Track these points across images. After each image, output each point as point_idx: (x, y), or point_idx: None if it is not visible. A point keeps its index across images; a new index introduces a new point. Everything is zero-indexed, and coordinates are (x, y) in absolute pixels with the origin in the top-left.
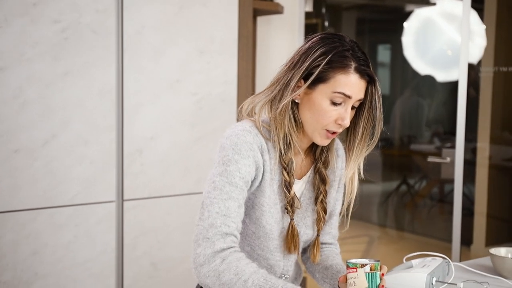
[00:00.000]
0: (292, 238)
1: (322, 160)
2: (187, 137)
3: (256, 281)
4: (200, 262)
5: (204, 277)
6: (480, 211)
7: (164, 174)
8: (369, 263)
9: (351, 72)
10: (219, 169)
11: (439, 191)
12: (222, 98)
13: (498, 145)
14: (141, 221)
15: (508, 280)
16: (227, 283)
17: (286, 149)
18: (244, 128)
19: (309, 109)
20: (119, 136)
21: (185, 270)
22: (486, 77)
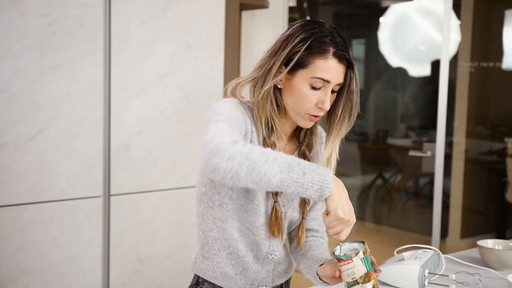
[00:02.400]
0: (275, 220)
1: (306, 143)
2: (174, 131)
3: (285, 158)
4: (222, 147)
5: (229, 160)
6: (455, 204)
7: (151, 168)
8: (360, 249)
9: (330, 57)
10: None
11: (414, 184)
12: (209, 93)
13: (473, 139)
14: (128, 216)
15: (496, 271)
16: (257, 161)
17: (269, 133)
18: (232, 100)
19: (290, 94)
20: (106, 131)
21: (171, 265)
22: (462, 73)
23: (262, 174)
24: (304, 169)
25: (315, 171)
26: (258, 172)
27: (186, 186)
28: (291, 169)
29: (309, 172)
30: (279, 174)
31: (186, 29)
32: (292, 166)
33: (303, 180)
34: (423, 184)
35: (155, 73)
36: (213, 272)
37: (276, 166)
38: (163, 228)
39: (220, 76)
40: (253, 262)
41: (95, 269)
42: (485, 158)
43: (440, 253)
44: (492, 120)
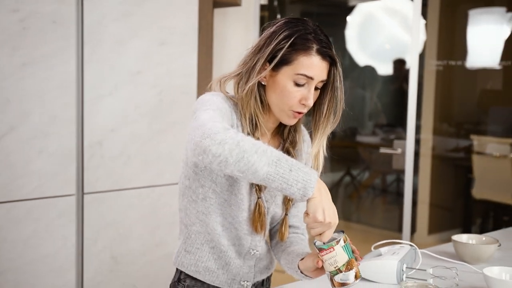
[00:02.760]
0: (259, 216)
1: (289, 140)
2: (148, 129)
3: (274, 153)
4: (215, 130)
5: (220, 144)
6: (423, 200)
7: (125, 166)
8: (341, 237)
9: (313, 54)
10: (202, 108)
11: (381, 182)
12: (182, 91)
13: (440, 136)
14: (101, 215)
15: (470, 265)
16: (247, 150)
17: (253, 130)
18: (219, 94)
19: (274, 90)
20: (79, 129)
21: (146, 263)
22: (429, 71)
23: (250, 164)
24: (291, 166)
25: (301, 169)
26: (247, 161)
27: (159, 184)
28: (278, 163)
29: (296, 170)
30: (266, 167)
31: (159, 25)
32: (280, 161)
33: (288, 176)
34: (391, 181)
35: (128, 70)
36: (195, 267)
37: (265, 158)
38: (137, 226)
39: (194, 74)
40: (235, 257)
41: (69, 268)
42: (451, 155)
43: (417, 248)
44: (457, 117)
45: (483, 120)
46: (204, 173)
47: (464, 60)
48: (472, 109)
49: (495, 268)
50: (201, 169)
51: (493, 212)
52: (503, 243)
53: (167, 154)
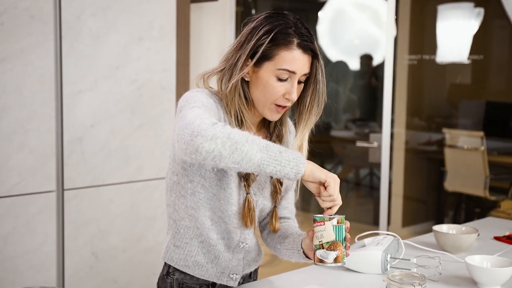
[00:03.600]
0: (248, 212)
1: (275, 133)
2: (128, 124)
3: (261, 140)
4: (203, 127)
5: (212, 140)
6: (397, 193)
7: (105, 162)
8: (336, 217)
9: (294, 48)
10: (188, 106)
11: (355, 176)
12: (162, 85)
13: (413, 130)
14: (82, 211)
15: (451, 254)
16: (239, 141)
17: (238, 125)
18: (203, 90)
19: (257, 86)
20: (59, 124)
21: (127, 259)
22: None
23: (244, 153)
24: (279, 149)
25: (288, 151)
26: (240, 152)
27: (140, 180)
28: (268, 148)
29: (284, 151)
30: (259, 153)
31: (137, 20)
32: (269, 146)
33: (280, 158)
34: (364, 175)
35: (107, 65)
36: (184, 261)
37: (256, 146)
38: (118, 222)
39: (173, 68)
40: (224, 251)
41: (50, 264)
42: (424, 148)
43: (400, 239)
44: (428, 111)
45: (454, 114)
46: (193, 168)
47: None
48: (442, 103)
49: (476, 256)
50: (189, 164)
51: (465, 204)
52: (481, 232)
53: (147, 149)
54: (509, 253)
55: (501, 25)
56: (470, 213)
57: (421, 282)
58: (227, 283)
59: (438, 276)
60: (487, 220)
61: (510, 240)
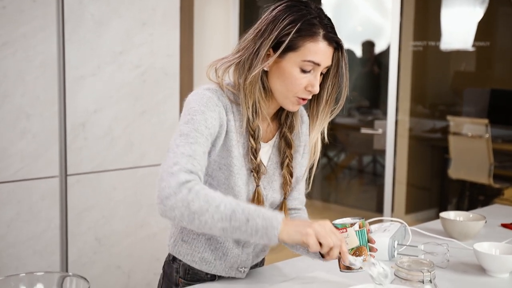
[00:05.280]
0: (258, 204)
1: (287, 124)
2: (131, 110)
3: (228, 205)
4: (166, 194)
5: (171, 210)
6: (400, 181)
7: (108, 148)
8: (357, 222)
9: (320, 40)
10: (185, 119)
11: (358, 163)
12: (165, 71)
13: (417, 118)
14: (85, 196)
15: (459, 241)
16: (197, 211)
17: (254, 116)
18: (209, 87)
19: (279, 77)
20: (62, 110)
21: (130, 244)
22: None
23: (203, 223)
24: (248, 215)
25: (260, 216)
26: (199, 222)
27: (143, 165)
28: (233, 216)
29: (253, 218)
30: (220, 223)
31: (140, 5)
32: (235, 213)
33: (246, 227)
34: (367, 162)
35: (110, 50)
36: (191, 256)
37: (218, 214)
38: (121, 207)
39: (176, 54)
40: (233, 247)
41: (53, 250)
42: (428, 135)
43: (407, 225)
44: (432, 99)
45: (458, 101)
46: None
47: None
48: (446, 91)
49: (484, 243)
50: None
51: (468, 191)
52: (488, 220)
53: (151, 135)
54: None
55: (506, 12)
56: (474, 200)
57: (430, 268)
58: (235, 275)
59: (446, 263)
60: (493, 207)
61: None
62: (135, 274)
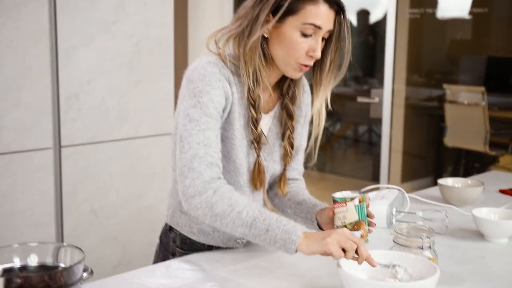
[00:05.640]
0: (258, 175)
1: (289, 96)
2: (125, 81)
3: (250, 213)
4: (191, 193)
5: (195, 209)
6: (396, 149)
7: (103, 119)
8: (357, 196)
9: (320, 2)
10: (191, 102)
11: (353, 132)
12: (159, 41)
13: (413, 86)
14: (80, 168)
15: (457, 208)
16: (220, 214)
17: (255, 85)
18: (210, 60)
19: (279, 43)
20: (54, 81)
21: (126, 216)
22: (402, 20)
23: (224, 226)
24: (268, 226)
25: (280, 228)
26: (220, 224)
27: (138, 136)
28: (254, 224)
29: (273, 229)
30: (240, 229)
31: None
32: (256, 222)
33: (265, 237)
34: (362, 132)
35: (103, 20)
36: (189, 228)
37: (239, 220)
38: (117, 179)
39: (170, 23)
40: None
41: (49, 222)
42: (424, 104)
43: (405, 192)
44: (429, 67)
45: (454, 70)
46: None
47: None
48: (443, 59)
49: (483, 209)
50: None
51: (464, 159)
52: (485, 186)
53: (146, 105)
54: None
55: None
56: (470, 168)
57: (429, 235)
58: (233, 246)
59: (445, 229)
60: (490, 173)
61: None
62: (131, 245)
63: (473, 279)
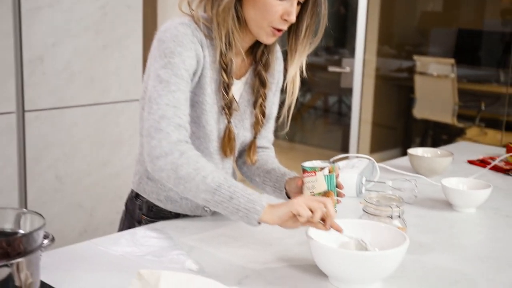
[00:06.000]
0: (228, 142)
1: (262, 62)
2: (92, 44)
3: (216, 178)
4: (156, 154)
5: (160, 171)
6: (365, 120)
7: (68, 83)
8: (327, 166)
9: None
10: (161, 62)
11: (323, 103)
12: (127, 4)
13: (383, 57)
14: (44, 133)
15: (426, 178)
16: (184, 177)
17: (227, 49)
18: (183, 21)
19: (253, 5)
20: (17, 43)
21: (92, 183)
22: None
23: (187, 190)
24: (233, 193)
25: (245, 196)
26: (183, 188)
27: (105, 102)
28: (218, 191)
29: (237, 198)
30: (203, 194)
31: None
32: (221, 188)
33: (228, 204)
34: (333, 102)
35: None
36: (157, 195)
37: (203, 185)
38: (83, 145)
39: None
40: None
41: (12, 188)
42: (394, 75)
43: (375, 162)
44: (399, 39)
45: (424, 42)
46: None
47: None
48: (413, 31)
49: (452, 179)
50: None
51: (432, 131)
52: (454, 157)
53: (113, 70)
54: (483, 176)
55: None
56: (437, 140)
57: (399, 204)
58: (201, 214)
59: (414, 199)
60: (459, 144)
61: (483, 163)
62: (97, 213)
63: (441, 248)
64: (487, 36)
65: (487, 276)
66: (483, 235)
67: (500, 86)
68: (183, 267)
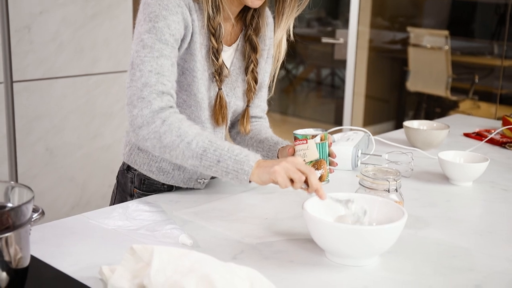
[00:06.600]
0: (220, 109)
1: (252, 26)
2: (81, 14)
3: (200, 143)
4: (138, 124)
5: (143, 140)
6: (359, 92)
7: (57, 53)
8: (319, 134)
9: None
10: (146, 27)
11: (316, 75)
12: None
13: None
14: (34, 105)
15: (422, 151)
16: (168, 145)
17: (215, 13)
18: None
19: None
20: (3, 11)
21: (82, 155)
22: None
23: (174, 157)
24: (219, 156)
25: (232, 158)
26: (170, 156)
27: (95, 73)
28: (204, 156)
29: (225, 160)
30: (190, 160)
31: None
32: (206, 153)
33: (216, 168)
34: (326, 75)
35: None
36: (148, 166)
37: (189, 152)
38: (73, 116)
39: None
40: None
41: (1, 161)
42: (388, 47)
43: (370, 135)
44: (393, 11)
45: (418, 13)
46: None
47: None
48: (407, 2)
49: (449, 152)
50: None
51: (425, 104)
52: (450, 129)
53: (102, 40)
54: (479, 149)
55: None
56: (431, 113)
57: (396, 177)
58: (194, 186)
59: (410, 172)
60: (454, 117)
61: (479, 136)
62: (88, 186)
63: (438, 222)
64: (481, 7)
65: (484, 250)
66: (480, 208)
67: (494, 58)
68: (176, 242)
